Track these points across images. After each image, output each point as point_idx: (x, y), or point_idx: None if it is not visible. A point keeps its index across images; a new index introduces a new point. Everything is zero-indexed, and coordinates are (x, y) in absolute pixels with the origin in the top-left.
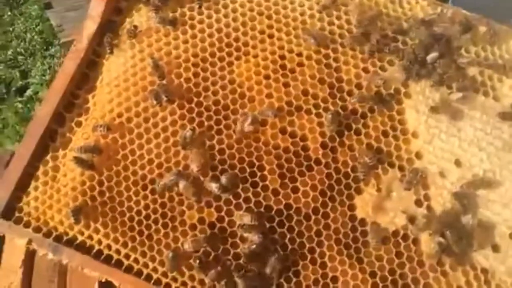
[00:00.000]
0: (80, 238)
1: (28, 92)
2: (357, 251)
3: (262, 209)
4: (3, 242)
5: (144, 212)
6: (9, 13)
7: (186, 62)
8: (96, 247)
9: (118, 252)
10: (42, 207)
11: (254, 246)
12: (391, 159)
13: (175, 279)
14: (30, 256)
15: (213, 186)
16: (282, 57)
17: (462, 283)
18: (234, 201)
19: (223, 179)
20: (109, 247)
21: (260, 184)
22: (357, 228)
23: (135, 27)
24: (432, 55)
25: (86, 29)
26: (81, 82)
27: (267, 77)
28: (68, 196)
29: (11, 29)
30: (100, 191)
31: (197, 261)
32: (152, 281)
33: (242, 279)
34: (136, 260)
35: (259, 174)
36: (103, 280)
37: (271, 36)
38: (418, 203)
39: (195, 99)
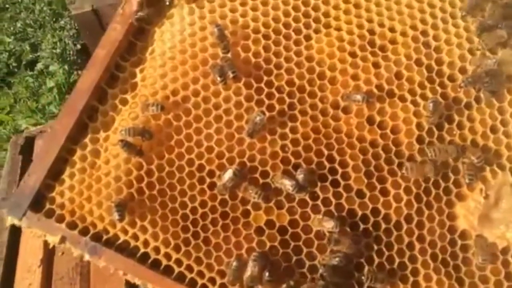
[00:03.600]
0: (123, 237)
1: (39, 66)
2: (456, 269)
3: (344, 214)
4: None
5: (200, 210)
6: None
7: (255, 33)
8: (142, 249)
9: (168, 257)
10: (79, 198)
11: (338, 259)
12: (501, 160)
13: None
14: (49, 255)
15: (287, 184)
16: (371, 32)
17: None
18: (310, 203)
19: (299, 175)
20: (157, 250)
21: (342, 183)
22: (457, 241)
23: None
24: None
25: None
26: (126, 53)
27: (353, 54)
28: (111, 187)
29: (19, 0)
30: (148, 183)
31: (266, 273)
32: None
33: None
34: (189, 268)
35: (340, 171)
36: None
37: (357, 6)
38: None
39: (265, 78)
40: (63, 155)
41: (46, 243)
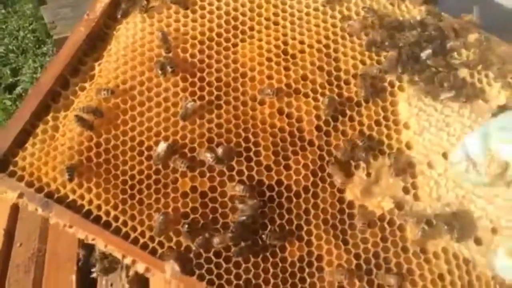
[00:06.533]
0: (71, 196)
1: (18, 90)
2: (343, 232)
3: (254, 183)
4: None
5: (137, 177)
6: (3, 10)
7: (193, 39)
8: (87, 206)
9: (107, 213)
10: (37, 163)
11: (244, 217)
12: (382, 147)
13: (161, 244)
14: (7, 246)
15: (208, 156)
16: (285, 43)
17: (444, 271)
18: (227, 173)
19: (219, 150)
20: (99, 207)
21: (254, 159)
22: (345, 210)
23: (148, 1)
24: (427, 52)
25: (100, 0)
26: (89, 50)
27: (269, 59)
28: (64, 154)
29: (4, 26)
30: (96, 153)
31: (186, 226)
32: (139, 245)
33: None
34: (124, 223)
35: (254, 149)
36: (90, 241)
37: (276, 23)
38: (406, 190)
39: (198, 74)
40: (28, 128)
41: (6, 235)
